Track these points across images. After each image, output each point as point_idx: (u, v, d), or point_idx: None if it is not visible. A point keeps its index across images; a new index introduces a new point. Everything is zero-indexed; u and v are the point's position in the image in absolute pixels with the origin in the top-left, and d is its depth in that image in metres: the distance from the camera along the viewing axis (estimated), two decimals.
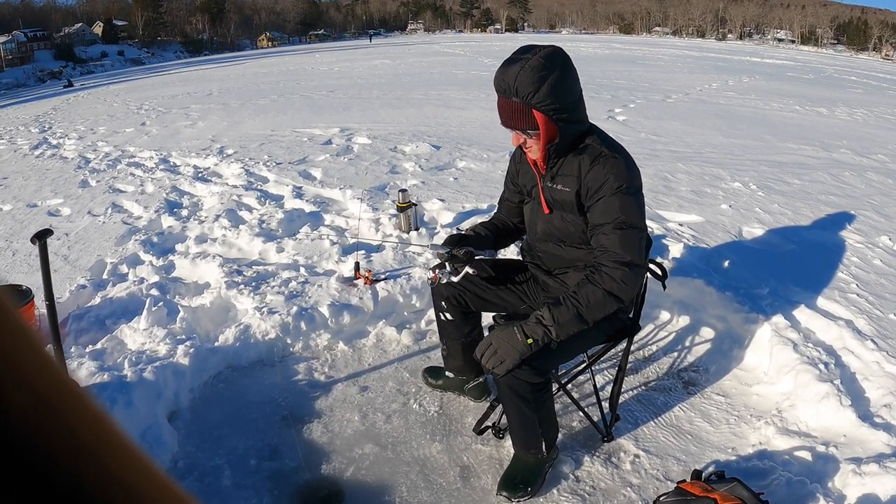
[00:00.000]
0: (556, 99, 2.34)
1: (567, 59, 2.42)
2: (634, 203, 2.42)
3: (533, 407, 2.53)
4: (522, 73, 2.32)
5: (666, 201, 5.99)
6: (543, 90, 2.32)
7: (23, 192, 7.60)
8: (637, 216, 2.42)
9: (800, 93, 17.74)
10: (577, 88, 2.43)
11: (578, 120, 2.46)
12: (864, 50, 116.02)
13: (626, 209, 2.39)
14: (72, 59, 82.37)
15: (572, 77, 2.41)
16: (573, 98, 2.41)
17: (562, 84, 2.35)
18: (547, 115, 2.37)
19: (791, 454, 2.80)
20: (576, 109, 2.43)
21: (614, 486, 2.70)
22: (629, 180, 2.42)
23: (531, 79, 2.31)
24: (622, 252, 2.37)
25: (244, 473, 2.78)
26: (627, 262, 2.37)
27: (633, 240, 2.39)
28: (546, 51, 2.38)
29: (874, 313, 3.86)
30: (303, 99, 15.20)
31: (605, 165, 2.42)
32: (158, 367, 3.20)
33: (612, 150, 2.47)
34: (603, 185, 2.41)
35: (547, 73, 2.31)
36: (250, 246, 5.05)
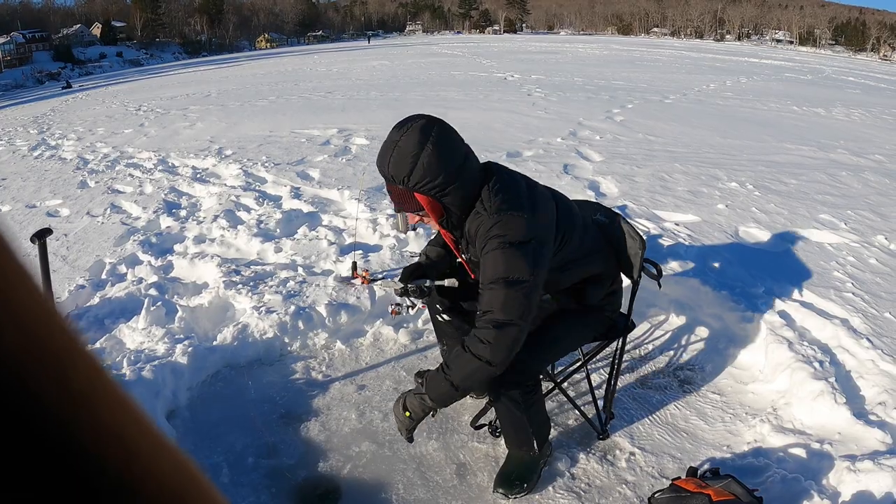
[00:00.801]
0: (434, 177, 2.22)
1: (439, 127, 2.26)
2: (516, 255, 2.24)
3: (522, 408, 2.55)
4: (394, 159, 2.23)
5: (663, 201, 6.01)
6: (417, 172, 2.21)
7: (22, 192, 7.61)
8: (519, 269, 2.23)
9: (797, 93, 17.77)
10: (456, 155, 2.27)
11: (463, 186, 2.29)
12: (863, 50, 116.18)
13: (505, 264, 2.23)
14: (70, 61, 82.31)
15: (448, 146, 2.25)
16: (452, 168, 2.24)
17: (436, 159, 2.20)
18: (428, 196, 2.28)
19: (786, 451, 2.82)
20: (458, 178, 2.26)
21: (610, 484, 2.72)
22: (506, 237, 2.25)
23: (403, 162, 2.21)
24: (496, 311, 2.22)
25: (242, 471, 2.79)
26: (500, 323, 2.21)
27: (511, 296, 2.22)
28: (414, 128, 2.23)
29: (869, 312, 3.88)
30: (301, 100, 15.22)
31: (488, 225, 2.28)
32: (157, 367, 3.22)
33: (494, 213, 2.29)
34: (487, 243, 2.28)
35: (418, 151, 2.20)
36: (248, 246, 5.07)
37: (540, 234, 2.30)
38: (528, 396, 2.56)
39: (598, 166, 7.54)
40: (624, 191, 6.41)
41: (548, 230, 2.35)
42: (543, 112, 12.04)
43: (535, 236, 2.28)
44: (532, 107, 12.75)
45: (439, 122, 2.28)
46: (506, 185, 2.35)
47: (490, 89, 16.25)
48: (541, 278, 2.28)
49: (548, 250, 2.33)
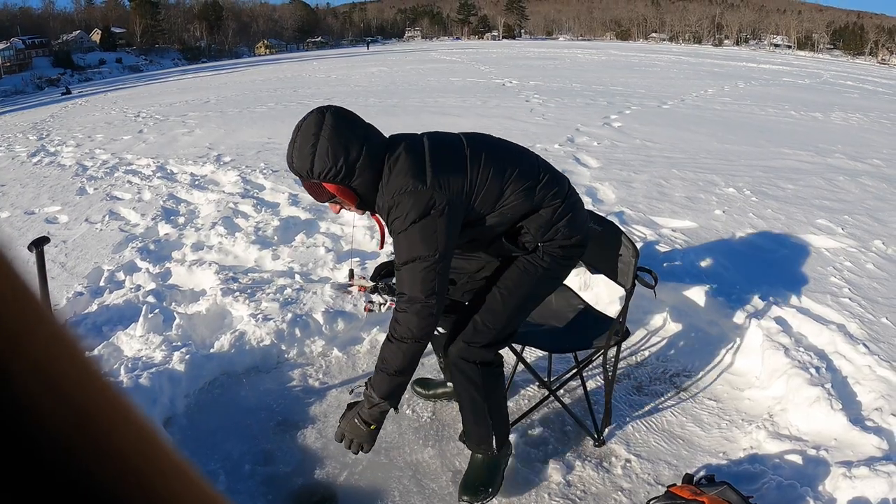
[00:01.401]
0: (334, 163, 2.26)
1: (331, 115, 2.30)
2: (417, 233, 2.26)
3: (483, 393, 2.51)
4: (295, 155, 2.30)
5: (660, 207, 6.02)
6: (317, 163, 2.26)
7: (20, 199, 7.62)
8: (420, 247, 2.26)
9: (795, 98, 17.81)
10: (353, 138, 2.29)
11: (369, 166, 2.31)
12: (861, 54, 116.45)
13: (408, 245, 2.27)
14: (70, 67, 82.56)
15: (343, 131, 2.29)
16: (352, 151, 2.28)
17: (332, 146, 2.25)
18: (335, 183, 2.31)
19: (782, 458, 2.82)
20: (359, 160, 2.29)
21: (605, 491, 2.72)
22: (409, 211, 2.27)
23: (301, 156, 2.27)
24: (406, 291, 2.29)
25: (239, 479, 2.79)
26: (409, 300, 2.28)
27: (415, 274, 2.26)
28: (308, 120, 2.29)
29: (866, 317, 3.88)
30: (300, 107, 15.21)
31: (387, 205, 2.33)
32: (154, 374, 3.22)
33: (391, 187, 2.32)
34: (390, 225, 2.34)
35: (313, 142, 2.25)
36: (246, 253, 5.08)
37: (439, 201, 2.28)
38: (491, 379, 2.53)
39: (596, 172, 7.55)
40: (621, 197, 6.42)
41: (450, 194, 2.31)
42: (541, 118, 12.06)
43: (433, 206, 2.27)
44: (530, 113, 12.77)
45: (332, 109, 2.32)
46: (401, 156, 2.34)
47: (488, 95, 16.27)
48: (446, 248, 2.28)
49: (452, 214, 2.31)
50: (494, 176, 2.40)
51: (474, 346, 2.46)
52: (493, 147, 2.51)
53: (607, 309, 3.90)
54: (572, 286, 3.43)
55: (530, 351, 3.45)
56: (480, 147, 2.46)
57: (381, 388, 2.33)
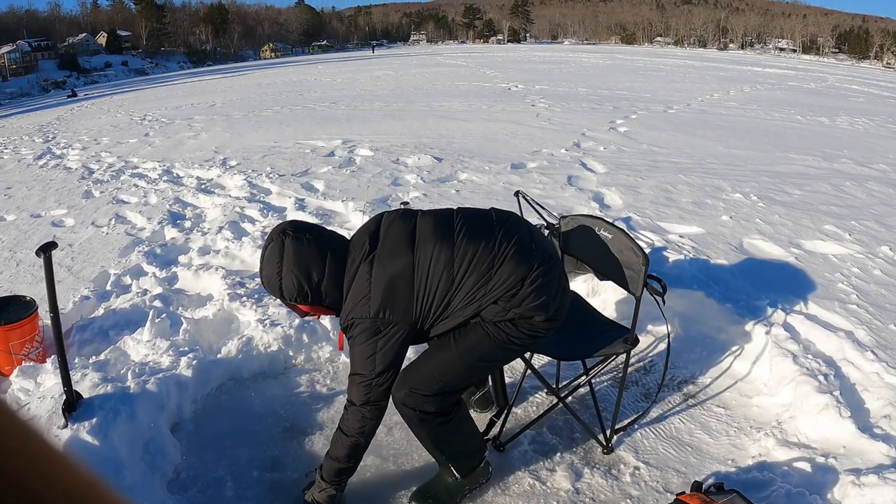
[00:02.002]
0: (299, 290, 2.37)
1: (290, 241, 2.36)
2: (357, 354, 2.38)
3: (425, 434, 2.52)
4: (266, 285, 2.43)
5: (667, 213, 6.01)
6: (286, 291, 2.38)
7: (27, 202, 7.64)
8: (357, 365, 2.38)
9: (801, 102, 17.78)
10: (313, 265, 2.35)
11: (333, 287, 2.38)
12: (866, 58, 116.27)
13: (352, 360, 2.42)
14: (76, 69, 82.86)
15: (301, 257, 2.35)
16: (314, 276, 2.36)
17: (294, 276, 2.35)
18: (307, 303, 2.44)
19: (790, 465, 2.81)
20: (322, 283, 2.37)
21: (614, 499, 2.71)
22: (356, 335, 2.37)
23: (272, 286, 2.40)
24: (349, 395, 2.45)
25: (246, 485, 2.79)
26: (349, 402, 2.44)
27: (354, 385, 2.40)
28: (269, 251, 2.39)
29: (874, 324, 3.87)
30: (305, 110, 15.26)
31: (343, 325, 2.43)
32: (161, 379, 3.22)
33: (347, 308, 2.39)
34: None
35: (278, 270, 2.36)
36: (253, 258, 5.07)
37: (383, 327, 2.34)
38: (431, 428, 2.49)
39: (603, 178, 7.54)
40: (628, 202, 6.41)
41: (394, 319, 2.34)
42: (547, 123, 12.06)
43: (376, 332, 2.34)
44: (536, 118, 12.77)
45: (290, 233, 2.38)
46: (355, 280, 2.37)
47: (494, 100, 16.28)
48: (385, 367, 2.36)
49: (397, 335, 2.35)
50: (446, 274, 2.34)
51: (416, 394, 2.42)
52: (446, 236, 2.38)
53: (615, 315, 3.90)
54: (581, 293, 3.42)
55: (539, 358, 3.45)
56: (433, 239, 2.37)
57: (328, 473, 2.55)
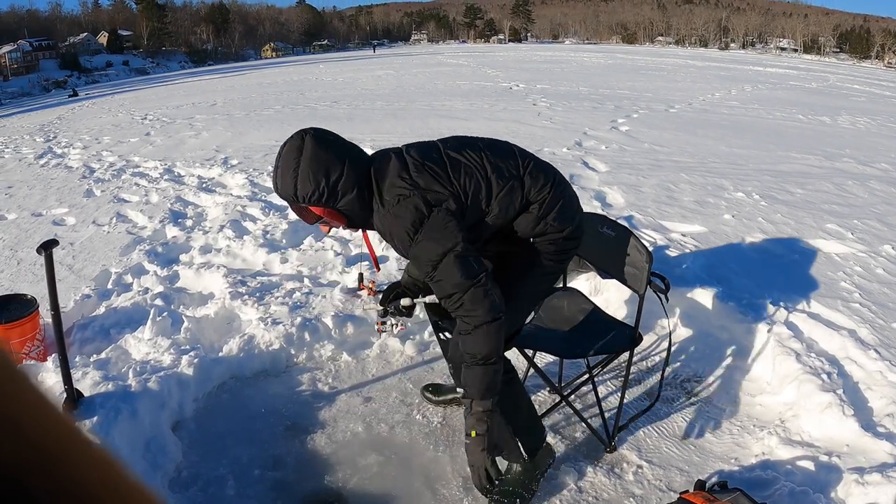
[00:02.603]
0: (316, 186, 2.24)
1: (311, 138, 2.27)
2: (428, 233, 2.25)
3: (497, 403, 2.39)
4: (279, 180, 2.28)
5: (669, 212, 6.00)
6: (300, 187, 2.24)
7: (28, 201, 7.63)
8: (436, 244, 2.24)
9: (803, 101, 17.77)
10: (334, 160, 2.25)
11: (350, 188, 2.27)
12: (867, 58, 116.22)
13: (426, 250, 2.25)
14: (77, 69, 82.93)
15: (323, 153, 2.25)
16: (333, 173, 2.24)
17: (313, 169, 2.23)
18: (321, 206, 2.29)
19: (794, 464, 2.80)
20: (339, 182, 2.26)
21: (617, 497, 2.70)
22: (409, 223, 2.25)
23: (284, 181, 2.26)
24: (450, 290, 2.25)
25: (248, 483, 2.79)
26: (460, 294, 2.24)
27: (449, 268, 2.23)
28: (289, 145, 2.27)
29: (877, 322, 3.86)
30: (307, 110, 15.26)
31: (389, 230, 2.32)
32: (163, 378, 3.22)
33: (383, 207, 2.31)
34: (401, 248, 2.34)
35: (294, 166, 2.24)
36: (254, 256, 5.07)
37: (435, 197, 2.29)
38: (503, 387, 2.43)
39: (604, 176, 7.53)
40: (630, 201, 6.40)
41: (440, 189, 2.32)
42: (549, 122, 12.05)
43: (432, 203, 2.27)
44: (537, 117, 12.76)
45: (311, 132, 2.29)
46: (384, 171, 2.34)
47: (495, 99, 16.26)
48: (459, 233, 2.26)
49: (449, 207, 2.30)
50: (479, 174, 2.38)
51: None
52: (471, 146, 2.48)
53: (618, 313, 3.89)
54: (584, 291, 3.41)
55: (541, 356, 3.44)
56: (458, 148, 2.45)
57: (480, 383, 2.27)
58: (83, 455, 0.27)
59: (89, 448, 0.28)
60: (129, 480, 0.29)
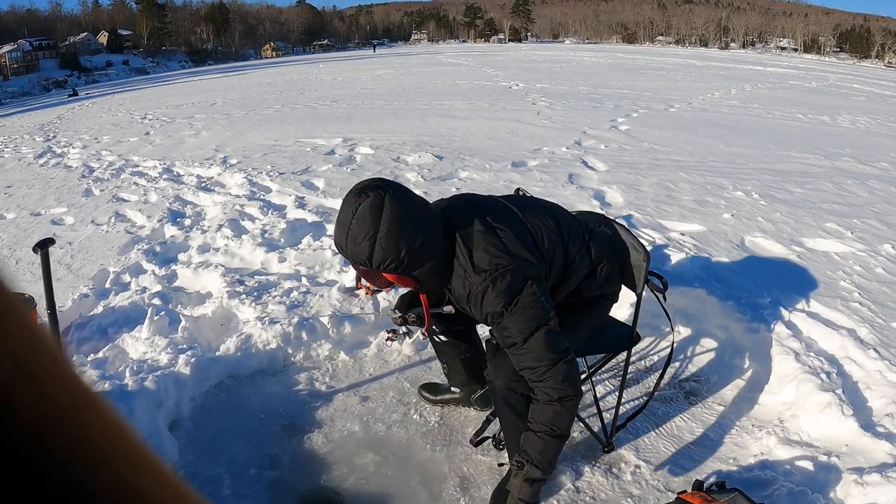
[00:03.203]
0: (395, 255, 2.10)
1: (391, 199, 2.10)
2: (524, 307, 2.20)
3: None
4: (350, 244, 2.11)
5: (668, 211, 5.99)
6: (377, 255, 2.10)
7: (27, 200, 7.63)
8: (531, 317, 2.20)
9: (802, 101, 17.76)
10: (413, 227, 2.12)
11: (430, 257, 2.18)
12: (867, 58, 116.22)
13: (519, 325, 2.20)
14: (77, 69, 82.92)
15: (401, 221, 2.09)
16: (412, 241, 2.12)
17: (394, 238, 2.08)
18: (396, 274, 2.18)
19: (793, 464, 2.79)
20: (421, 251, 2.14)
21: (615, 497, 2.70)
22: (505, 296, 2.19)
23: (360, 248, 2.10)
24: (539, 364, 2.22)
25: (244, 482, 2.78)
26: (549, 367, 2.21)
27: (541, 341, 2.20)
28: (363, 208, 2.08)
29: (876, 322, 3.85)
30: (306, 109, 15.25)
31: (479, 299, 2.23)
32: (160, 377, 3.21)
33: (476, 275, 2.22)
34: (488, 317, 2.25)
35: (373, 233, 2.07)
36: (252, 256, 5.06)
37: (529, 271, 2.24)
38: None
39: (603, 176, 7.52)
40: (629, 200, 6.39)
41: (532, 260, 2.28)
42: (548, 121, 12.03)
43: (526, 277, 2.22)
44: (537, 116, 12.75)
45: (390, 194, 2.11)
46: (475, 239, 2.25)
47: (495, 98, 16.26)
48: (551, 306, 2.26)
49: (541, 278, 2.29)
50: (558, 243, 2.42)
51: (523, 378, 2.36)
52: (540, 210, 2.49)
53: (616, 313, 3.87)
54: None
55: None
56: (532, 211, 2.45)
57: (547, 453, 2.27)
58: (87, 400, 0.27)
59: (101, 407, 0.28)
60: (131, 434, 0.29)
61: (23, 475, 0.23)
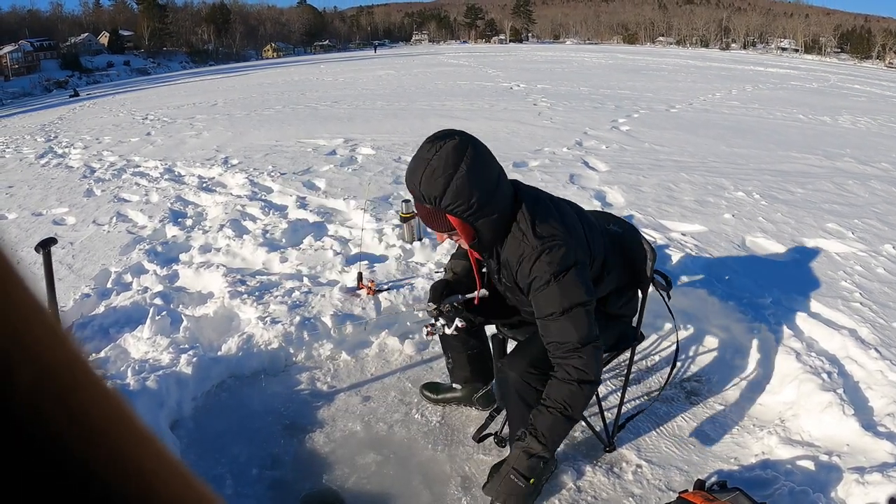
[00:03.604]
0: (466, 199, 2.18)
1: (474, 148, 2.21)
2: (567, 284, 2.27)
3: None
4: (426, 178, 2.17)
5: (669, 211, 6.00)
6: (450, 193, 2.16)
7: (28, 200, 7.64)
8: (574, 293, 2.27)
9: (803, 101, 17.74)
10: (489, 178, 2.23)
11: (495, 211, 2.27)
12: (868, 58, 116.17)
13: (561, 296, 2.26)
14: (78, 69, 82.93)
15: (481, 168, 2.21)
16: (485, 192, 2.21)
17: (469, 182, 2.16)
18: (460, 218, 2.24)
19: (794, 464, 2.79)
20: (490, 202, 2.23)
21: (616, 497, 2.70)
22: (557, 266, 2.26)
23: (435, 183, 2.16)
24: (569, 339, 2.26)
25: (246, 482, 2.78)
26: (578, 346, 2.26)
27: (577, 319, 2.26)
28: (448, 148, 2.16)
29: (877, 322, 3.85)
30: (307, 109, 15.26)
31: (530, 261, 2.29)
32: (161, 376, 3.21)
33: (537, 237, 2.29)
34: (532, 283, 2.30)
35: (451, 172, 2.15)
36: (254, 256, 5.07)
37: (580, 256, 2.34)
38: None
39: (605, 176, 7.52)
40: (630, 201, 6.39)
41: (584, 249, 2.38)
42: (549, 122, 12.04)
43: (577, 259, 2.31)
44: (538, 116, 12.75)
45: (473, 142, 2.22)
46: (540, 210, 2.35)
47: (496, 99, 16.26)
48: (592, 294, 2.33)
49: (587, 267, 2.39)
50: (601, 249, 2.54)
51: (537, 372, 2.43)
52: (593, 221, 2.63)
53: None
54: None
55: None
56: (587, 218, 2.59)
57: (547, 431, 2.29)
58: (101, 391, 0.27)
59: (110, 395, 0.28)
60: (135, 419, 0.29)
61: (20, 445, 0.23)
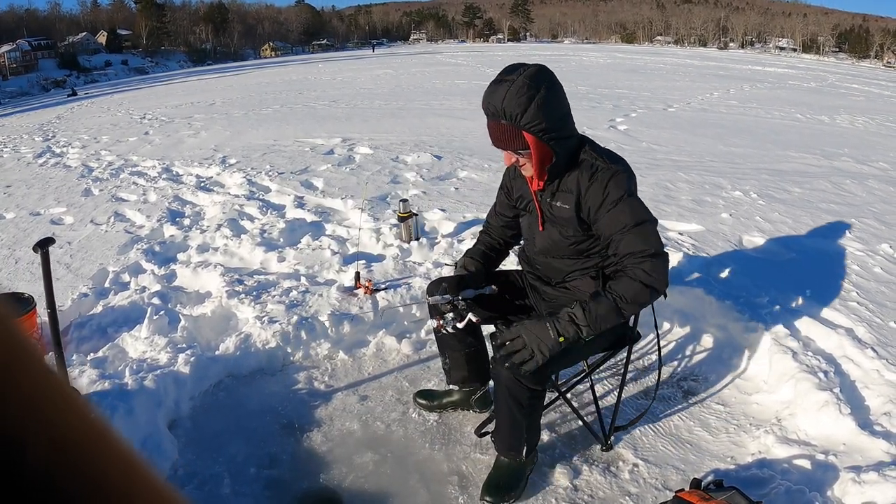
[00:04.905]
0: (545, 118, 2.34)
1: (552, 76, 2.41)
2: (638, 202, 2.48)
3: (525, 412, 2.54)
4: (509, 95, 2.32)
5: (666, 210, 6.00)
6: (531, 111, 2.31)
7: (26, 200, 7.63)
8: (645, 210, 2.46)
9: (801, 101, 17.76)
10: (564, 105, 2.44)
11: (568, 136, 2.47)
12: (866, 58, 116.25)
13: (634, 211, 2.43)
14: (76, 68, 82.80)
15: (559, 94, 2.41)
16: (561, 115, 2.41)
17: (549, 103, 2.34)
18: (536, 136, 2.38)
19: (790, 463, 2.80)
20: (564, 126, 2.43)
21: (613, 496, 2.70)
22: (628, 187, 2.47)
23: (518, 100, 2.31)
24: (645, 247, 2.39)
25: (244, 481, 2.78)
26: (653, 254, 2.39)
27: (650, 232, 2.43)
28: (531, 70, 2.37)
29: (874, 321, 3.86)
30: (305, 109, 15.25)
31: (604, 179, 2.45)
32: (159, 376, 3.21)
33: (608, 162, 2.51)
34: (605, 199, 2.44)
35: (533, 92, 2.31)
36: (251, 255, 5.07)
37: (636, 186, 2.57)
38: (534, 402, 2.57)
39: None
40: None
41: None
42: None
43: (636, 187, 2.56)
44: None
45: (550, 72, 2.42)
46: (604, 150, 2.60)
47: None
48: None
49: None
50: None
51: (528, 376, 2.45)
52: None
53: None
54: None
55: None
56: None
57: (598, 312, 2.36)
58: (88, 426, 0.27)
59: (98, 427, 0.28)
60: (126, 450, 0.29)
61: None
